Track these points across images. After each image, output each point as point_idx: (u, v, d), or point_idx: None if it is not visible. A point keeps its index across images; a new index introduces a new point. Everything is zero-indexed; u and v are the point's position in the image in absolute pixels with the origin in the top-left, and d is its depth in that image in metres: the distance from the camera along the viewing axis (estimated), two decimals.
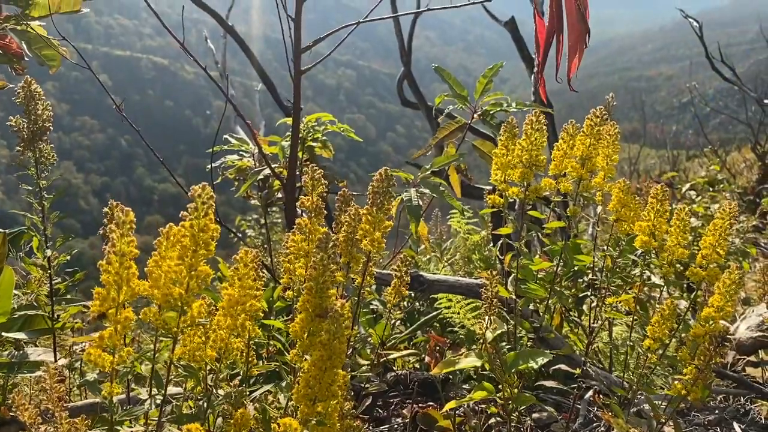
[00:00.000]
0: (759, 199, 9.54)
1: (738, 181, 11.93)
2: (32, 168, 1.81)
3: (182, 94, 74.21)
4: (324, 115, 2.26)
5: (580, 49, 1.30)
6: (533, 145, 1.45)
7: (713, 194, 5.07)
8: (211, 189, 0.97)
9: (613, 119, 1.90)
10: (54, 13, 2.00)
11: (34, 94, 1.75)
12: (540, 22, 1.33)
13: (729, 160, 14.11)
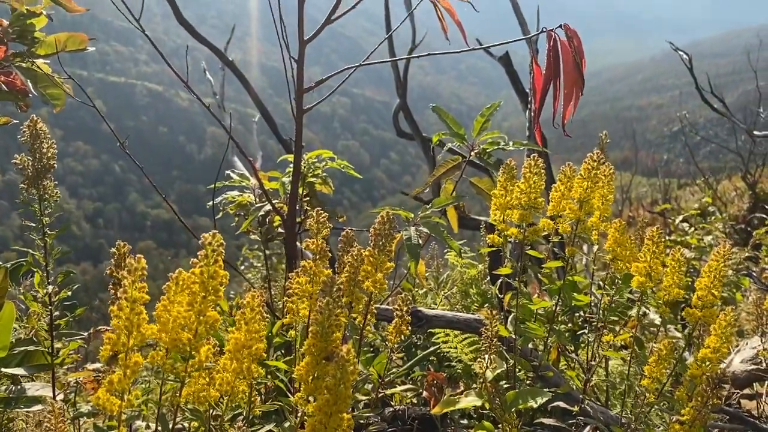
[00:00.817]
0: (750, 228, 9.62)
1: (729, 209, 12.03)
2: (36, 205, 1.83)
3: (176, 120, 74.50)
4: (324, 152, 2.29)
5: (575, 97, 1.34)
6: (532, 188, 1.49)
7: (706, 225, 5.12)
8: (217, 232, 0.99)
9: (606, 151, 1.95)
10: (60, 51, 2.03)
11: (40, 133, 1.77)
12: (537, 70, 1.37)
13: (720, 189, 14.23)
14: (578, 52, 1.33)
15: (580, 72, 1.33)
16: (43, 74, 1.96)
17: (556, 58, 1.33)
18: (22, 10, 2.06)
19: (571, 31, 1.33)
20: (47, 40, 2.04)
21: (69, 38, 2.04)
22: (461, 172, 2.04)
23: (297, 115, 1.84)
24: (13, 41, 2.12)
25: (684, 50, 10.66)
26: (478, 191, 2.03)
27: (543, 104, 1.38)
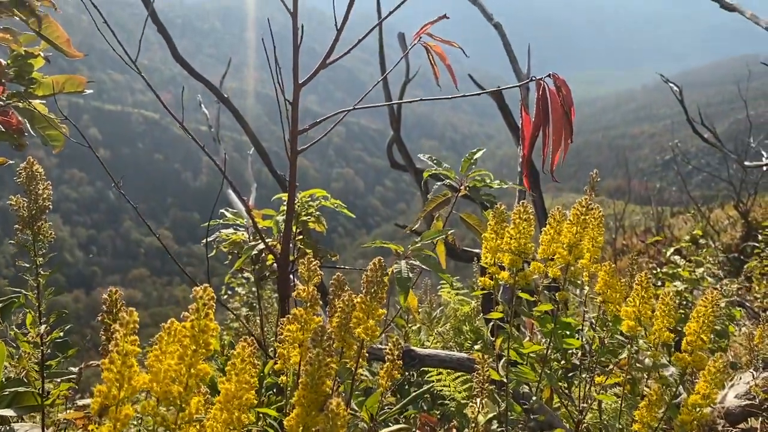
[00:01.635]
0: (743, 256, 9.66)
1: (722, 238, 12.10)
2: (30, 246, 1.84)
3: (172, 148, 74.74)
4: (318, 191, 2.32)
5: (564, 144, 1.37)
6: (521, 234, 1.50)
7: (697, 258, 5.15)
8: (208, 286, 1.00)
9: (599, 179, 1.97)
10: (58, 92, 2.06)
11: (36, 175, 1.79)
12: (526, 118, 1.40)
13: (713, 217, 14.32)
14: (567, 101, 1.36)
15: (569, 120, 1.36)
16: (40, 115, 1.99)
17: (545, 107, 1.36)
18: (20, 51, 2.09)
19: (559, 80, 1.36)
20: (45, 81, 2.06)
21: (67, 80, 2.07)
22: (451, 207, 2.07)
23: (291, 155, 1.86)
24: (10, 81, 2.14)
25: (675, 80, 10.83)
26: (468, 226, 2.06)
27: (532, 151, 1.40)
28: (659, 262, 8.90)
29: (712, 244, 10.42)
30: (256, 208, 3.64)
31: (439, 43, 2.05)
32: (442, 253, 2.11)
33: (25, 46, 2.11)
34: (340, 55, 1.79)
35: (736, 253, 10.75)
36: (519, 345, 1.61)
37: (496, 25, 3.27)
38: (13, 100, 2.11)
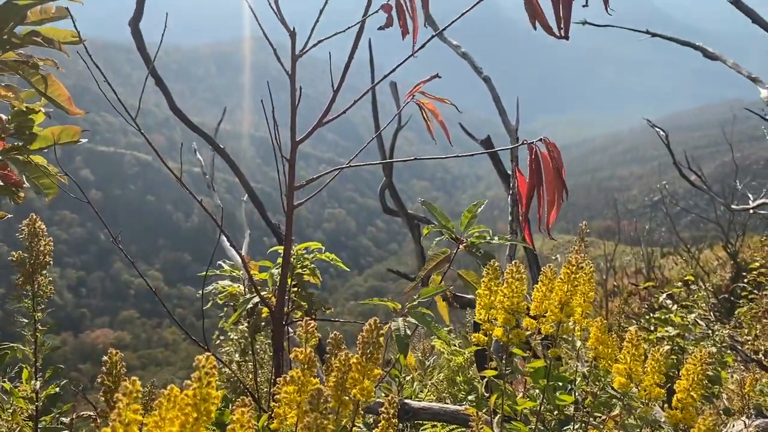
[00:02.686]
0: (733, 297, 9.68)
1: (712, 279, 12.14)
2: (28, 300, 1.85)
3: (164, 189, 74.85)
4: (313, 244, 2.35)
5: (558, 203, 1.41)
6: (514, 293, 1.54)
7: (688, 303, 5.18)
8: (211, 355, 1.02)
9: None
10: (55, 144, 2.10)
11: (38, 231, 1.82)
12: (521, 178, 1.45)
13: (702, 258, 14.40)
14: (558, 163, 1.41)
15: (562, 180, 1.41)
16: (35, 166, 2.02)
17: (537, 169, 1.41)
18: (21, 107, 2.13)
19: (550, 144, 1.41)
20: (43, 134, 2.10)
21: (63, 131, 2.11)
22: (449, 265, 2.10)
23: (288, 210, 1.90)
24: (10, 136, 2.18)
25: (662, 123, 11.03)
26: (466, 283, 2.08)
27: (529, 209, 1.45)
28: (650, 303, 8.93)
29: (702, 285, 10.47)
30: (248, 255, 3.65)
31: (431, 100, 2.11)
32: (444, 309, 2.13)
33: (26, 102, 2.16)
34: (336, 115, 1.85)
35: (727, 294, 10.80)
36: (513, 402, 1.62)
37: (485, 78, 3.36)
38: (12, 154, 2.14)
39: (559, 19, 1.46)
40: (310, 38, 1.82)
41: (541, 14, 1.51)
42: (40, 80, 1.89)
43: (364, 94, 1.80)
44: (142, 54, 2.97)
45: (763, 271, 8.00)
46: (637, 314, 8.23)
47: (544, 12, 1.51)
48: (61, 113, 2.16)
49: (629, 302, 11.88)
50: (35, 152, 2.16)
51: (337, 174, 1.90)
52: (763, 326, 6.64)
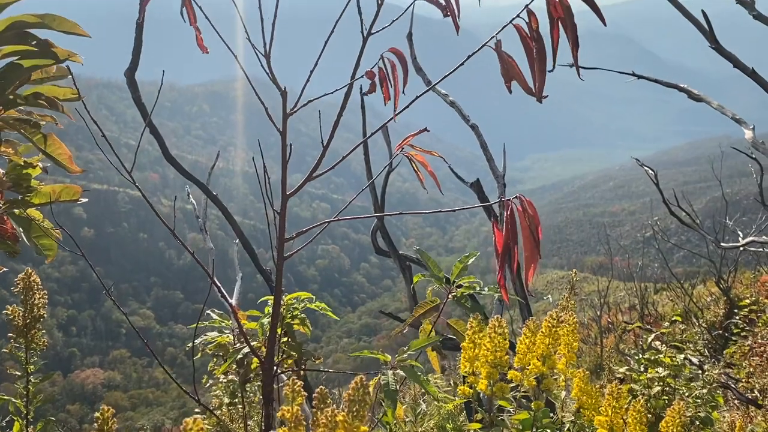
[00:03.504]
0: (727, 333, 9.68)
1: (706, 315, 12.15)
2: (22, 353, 1.87)
3: (157, 226, 74.72)
4: (303, 294, 2.39)
5: (534, 261, 1.46)
6: (497, 347, 1.58)
7: (677, 344, 5.20)
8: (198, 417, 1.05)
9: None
10: (54, 201, 2.14)
11: (33, 285, 1.85)
12: (498, 234, 1.50)
13: (695, 294, 14.41)
14: (533, 221, 1.47)
15: (537, 239, 1.46)
16: (36, 224, 2.06)
17: (513, 226, 1.47)
18: (19, 161, 2.18)
19: (526, 201, 1.47)
20: (42, 190, 2.15)
21: (63, 189, 2.16)
22: (438, 313, 2.14)
23: (278, 263, 1.94)
24: (8, 190, 2.23)
25: (652, 160, 11.23)
26: (455, 332, 2.12)
27: (504, 266, 1.50)
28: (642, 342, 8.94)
29: (696, 321, 10.49)
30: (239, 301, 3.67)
31: (420, 152, 2.18)
32: (434, 360, 2.16)
33: (24, 156, 2.21)
34: (326, 170, 1.91)
35: (721, 330, 10.81)
36: None
37: (472, 126, 3.45)
38: (9, 208, 2.19)
39: (534, 83, 1.54)
40: (301, 96, 1.89)
41: (520, 75, 1.59)
42: (41, 139, 1.95)
43: (354, 148, 1.87)
44: (138, 104, 3.04)
45: (754, 308, 8.04)
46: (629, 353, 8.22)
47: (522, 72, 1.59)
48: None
49: (624, 339, 11.87)
50: (33, 206, 2.20)
51: (325, 227, 1.95)
52: (756, 364, 6.64)
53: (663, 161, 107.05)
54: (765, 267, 13.32)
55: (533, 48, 1.51)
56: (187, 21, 1.83)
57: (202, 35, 1.83)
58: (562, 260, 67.49)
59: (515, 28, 1.55)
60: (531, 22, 1.50)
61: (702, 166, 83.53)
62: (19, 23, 1.94)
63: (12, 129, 1.97)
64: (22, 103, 1.94)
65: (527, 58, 1.56)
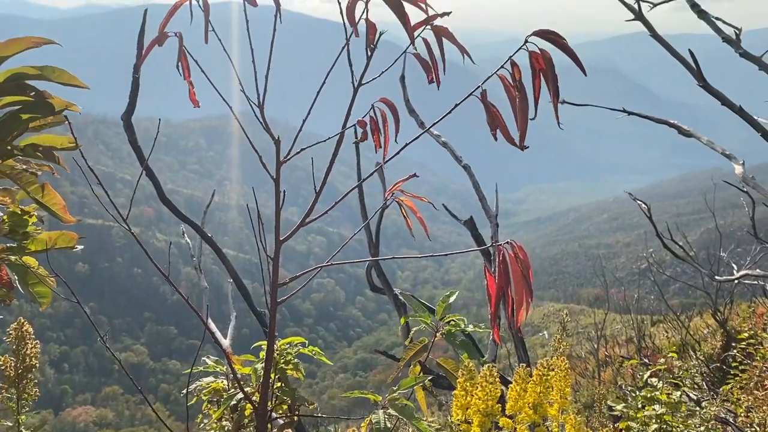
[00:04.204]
0: (725, 366, 9.64)
1: (703, 347, 12.10)
2: (13, 404, 1.87)
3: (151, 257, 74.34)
4: (296, 339, 2.40)
5: (526, 303, 1.49)
6: (488, 396, 1.59)
7: (674, 381, 5.19)
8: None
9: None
10: (50, 248, 2.16)
11: (25, 335, 1.86)
12: (490, 278, 1.53)
13: (692, 326, 14.37)
14: (525, 266, 1.50)
15: (528, 283, 1.49)
16: (31, 272, 2.08)
17: (506, 270, 1.50)
18: (16, 210, 2.21)
19: (517, 246, 1.50)
20: (40, 237, 2.17)
21: (60, 236, 2.18)
22: (428, 353, 2.15)
23: (271, 308, 1.96)
24: (4, 236, 2.25)
25: (645, 192, 11.35)
26: (445, 372, 2.13)
27: (498, 309, 1.52)
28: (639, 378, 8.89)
29: (694, 354, 10.44)
30: (234, 339, 3.66)
31: (410, 197, 2.21)
32: (422, 400, 2.17)
33: (20, 204, 2.24)
34: (319, 215, 1.94)
35: (719, 363, 10.75)
36: None
37: (464, 166, 3.51)
38: (5, 255, 2.20)
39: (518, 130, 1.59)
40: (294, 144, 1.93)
41: (504, 125, 1.64)
42: (38, 189, 1.98)
43: (346, 194, 1.90)
44: (135, 148, 3.08)
45: (752, 342, 8.03)
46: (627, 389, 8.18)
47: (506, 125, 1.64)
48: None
49: (621, 372, 11.80)
50: (29, 253, 2.22)
51: (318, 272, 1.97)
52: (755, 398, 6.61)
53: (656, 194, 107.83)
54: (761, 299, 13.34)
55: (516, 97, 1.56)
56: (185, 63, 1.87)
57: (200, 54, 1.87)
58: (559, 293, 67.41)
59: (499, 78, 1.60)
60: (514, 73, 1.56)
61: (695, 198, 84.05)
62: (19, 75, 1.99)
63: (9, 178, 2.00)
64: (19, 153, 1.97)
65: (511, 106, 1.61)
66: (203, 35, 1.79)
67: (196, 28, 1.80)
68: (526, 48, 1.47)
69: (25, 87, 2.01)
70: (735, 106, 5.11)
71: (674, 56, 4.34)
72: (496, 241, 3.38)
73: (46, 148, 1.96)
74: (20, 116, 1.90)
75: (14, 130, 1.94)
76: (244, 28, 1.90)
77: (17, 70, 1.98)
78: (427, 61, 1.69)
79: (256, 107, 1.84)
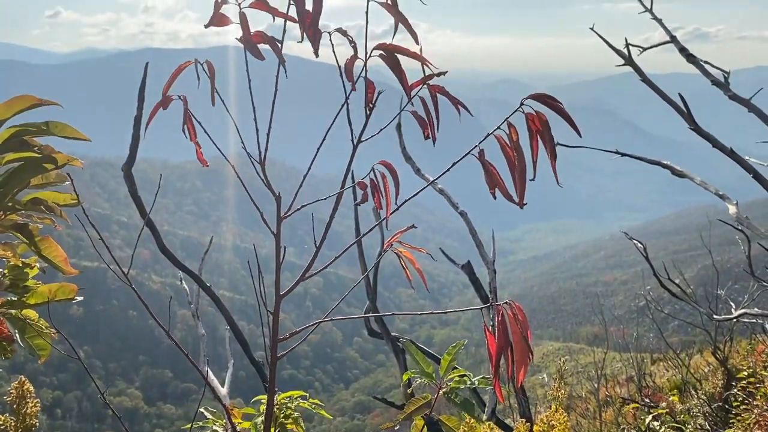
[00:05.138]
0: (727, 405, 9.53)
1: (704, 386, 11.97)
2: None
3: (147, 302, 73.79)
4: (295, 393, 2.38)
5: (525, 364, 1.49)
6: None
7: (677, 425, 5.15)
8: None
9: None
10: (50, 301, 2.17)
11: (26, 394, 1.85)
12: (491, 338, 1.54)
13: (693, 365, 14.24)
14: (523, 326, 1.51)
15: (527, 343, 1.49)
16: (30, 325, 2.08)
17: (505, 331, 1.50)
18: (17, 263, 2.22)
19: (516, 307, 1.51)
20: (39, 290, 2.18)
21: (59, 288, 2.19)
22: (431, 410, 2.13)
23: (271, 363, 1.95)
24: (5, 290, 2.25)
25: (641, 229, 11.39)
26: (447, 429, 2.11)
27: (498, 369, 1.52)
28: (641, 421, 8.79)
29: (695, 393, 10.33)
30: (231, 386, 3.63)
31: (409, 249, 2.23)
32: None
33: (22, 256, 2.25)
34: (318, 270, 1.96)
35: (720, 402, 10.63)
36: None
37: (461, 213, 3.54)
38: (5, 309, 2.21)
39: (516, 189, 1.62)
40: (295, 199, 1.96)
41: (502, 184, 1.67)
42: (40, 242, 1.99)
43: (344, 250, 1.92)
44: (135, 199, 3.11)
45: (752, 380, 7.96)
46: None
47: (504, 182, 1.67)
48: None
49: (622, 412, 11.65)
50: (29, 306, 2.23)
51: (315, 327, 1.98)
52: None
53: (652, 231, 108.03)
54: (760, 336, 13.27)
55: (513, 158, 1.59)
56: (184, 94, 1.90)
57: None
58: (557, 331, 66.89)
59: (496, 139, 1.63)
60: (511, 134, 1.59)
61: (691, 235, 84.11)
62: (24, 131, 2.02)
63: (11, 232, 2.02)
64: (21, 208, 1.99)
65: (508, 166, 1.64)
66: (204, 77, 1.83)
67: (192, 71, 1.84)
68: (522, 110, 1.51)
69: (29, 143, 2.04)
70: (726, 148, 5.19)
71: (665, 100, 4.41)
72: (494, 288, 3.38)
73: (48, 206, 1.98)
74: (22, 172, 1.93)
75: (16, 186, 1.96)
76: (241, 70, 1.91)
77: (21, 128, 2.01)
78: (423, 118, 1.73)
79: (257, 163, 1.88)
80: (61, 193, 2.09)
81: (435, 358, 3.98)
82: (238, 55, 1.69)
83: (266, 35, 1.76)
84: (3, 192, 1.98)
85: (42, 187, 2.10)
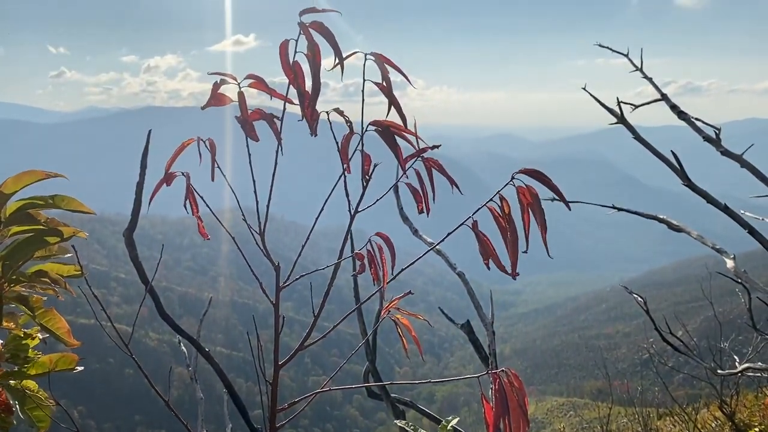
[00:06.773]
0: None
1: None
2: None
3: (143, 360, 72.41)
4: None
5: (523, 430, 1.52)
6: None
7: None
8: None
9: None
10: (51, 371, 2.18)
11: None
12: (488, 407, 1.56)
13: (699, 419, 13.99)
14: (520, 393, 1.53)
15: (524, 410, 1.52)
16: (30, 396, 2.09)
17: (503, 398, 1.53)
18: (18, 333, 2.24)
19: (512, 374, 1.54)
20: (40, 360, 2.19)
21: (60, 359, 2.21)
22: None
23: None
24: (6, 361, 2.27)
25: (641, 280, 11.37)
26: None
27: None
28: None
29: None
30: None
31: (406, 315, 2.26)
32: None
33: (23, 327, 2.28)
34: (315, 340, 1.98)
35: None
36: None
37: (459, 274, 3.57)
38: (7, 380, 2.22)
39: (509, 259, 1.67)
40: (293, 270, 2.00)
41: (495, 255, 1.72)
42: (44, 313, 2.03)
43: (342, 319, 1.95)
44: (136, 265, 3.14)
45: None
46: None
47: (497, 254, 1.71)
48: None
49: None
50: (30, 377, 2.24)
51: (313, 397, 1.99)
52: None
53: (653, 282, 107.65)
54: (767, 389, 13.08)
55: (506, 229, 1.64)
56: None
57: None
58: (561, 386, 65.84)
59: (489, 210, 1.69)
60: (503, 206, 1.65)
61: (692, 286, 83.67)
62: (31, 205, 2.08)
63: (14, 303, 2.06)
64: (25, 280, 2.03)
65: (501, 236, 1.69)
66: (205, 152, 1.90)
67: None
68: (513, 184, 1.57)
69: (34, 216, 2.10)
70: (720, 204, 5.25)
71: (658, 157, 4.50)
72: (493, 351, 3.38)
73: (52, 278, 2.03)
74: (28, 245, 1.97)
75: (21, 259, 2.00)
76: (237, 127, 1.94)
77: (29, 201, 2.07)
78: (418, 191, 1.79)
79: (257, 234, 1.93)
80: (65, 265, 2.14)
81: (436, 420, 3.94)
82: (239, 111, 1.75)
83: (264, 113, 1.83)
84: (8, 264, 2.02)
85: (46, 258, 2.15)
